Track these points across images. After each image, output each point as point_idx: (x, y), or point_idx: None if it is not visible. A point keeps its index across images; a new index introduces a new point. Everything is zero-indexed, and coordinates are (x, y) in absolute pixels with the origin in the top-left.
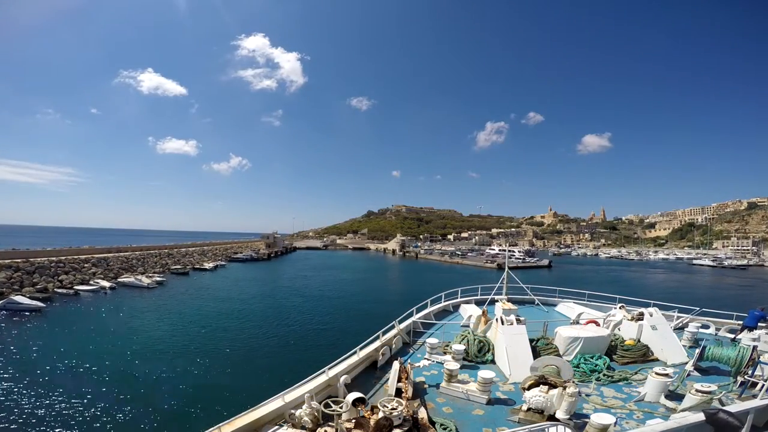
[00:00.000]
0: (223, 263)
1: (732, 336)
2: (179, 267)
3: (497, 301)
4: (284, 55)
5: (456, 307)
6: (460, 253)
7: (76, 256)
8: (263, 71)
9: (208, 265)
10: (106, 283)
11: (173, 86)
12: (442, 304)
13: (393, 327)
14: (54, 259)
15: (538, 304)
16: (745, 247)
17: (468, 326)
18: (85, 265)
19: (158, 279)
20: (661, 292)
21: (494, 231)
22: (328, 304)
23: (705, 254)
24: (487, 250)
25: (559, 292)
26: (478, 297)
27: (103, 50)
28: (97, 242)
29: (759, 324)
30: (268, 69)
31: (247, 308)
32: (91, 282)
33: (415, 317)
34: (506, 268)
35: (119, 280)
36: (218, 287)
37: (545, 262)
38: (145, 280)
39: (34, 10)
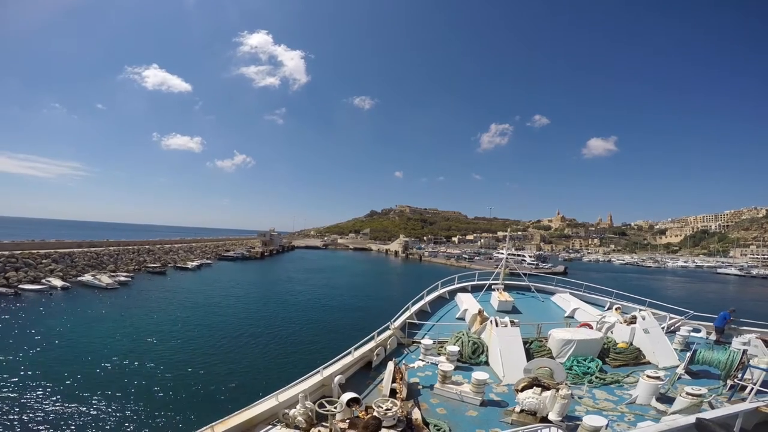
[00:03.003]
0: (209, 262)
1: (714, 339)
2: (156, 265)
3: (494, 288)
4: (287, 53)
5: (452, 294)
6: (467, 256)
7: (36, 251)
8: (266, 69)
9: (190, 264)
10: (58, 283)
11: (178, 82)
12: (438, 292)
13: (388, 328)
14: (6, 253)
15: (533, 291)
16: (766, 256)
17: (463, 319)
18: (44, 260)
19: (123, 278)
20: (707, 305)
21: (500, 234)
22: (317, 317)
23: (727, 263)
24: (495, 254)
25: (556, 281)
26: (475, 282)
27: (109, 46)
28: (98, 236)
29: (725, 324)
30: (271, 67)
31: (223, 314)
32: (43, 280)
33: (412, 310)
34: (505, 257)
35: (79, 279)
36: (195, 289)
37: (560, 268)
38: (105, 280)
39: (40, 7)
